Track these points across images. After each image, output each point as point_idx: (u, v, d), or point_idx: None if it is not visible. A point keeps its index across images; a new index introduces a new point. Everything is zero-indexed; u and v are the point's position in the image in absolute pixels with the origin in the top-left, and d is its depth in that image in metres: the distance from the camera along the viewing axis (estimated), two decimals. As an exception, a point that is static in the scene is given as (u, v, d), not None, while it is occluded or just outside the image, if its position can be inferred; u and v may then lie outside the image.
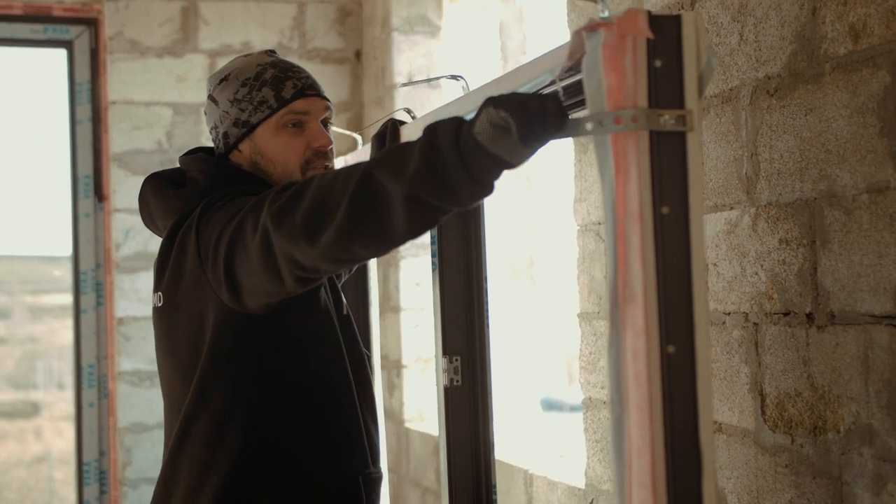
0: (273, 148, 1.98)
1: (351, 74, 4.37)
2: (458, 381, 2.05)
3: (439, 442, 2.10)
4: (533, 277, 3.97)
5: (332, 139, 2.06)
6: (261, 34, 4.25)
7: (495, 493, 2.06)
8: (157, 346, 2.08)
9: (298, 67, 2.05)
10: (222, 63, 4.16)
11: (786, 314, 1.81)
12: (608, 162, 1.35)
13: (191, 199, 1.96)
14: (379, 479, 2.06)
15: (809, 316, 1.75)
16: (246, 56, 2.07)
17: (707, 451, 1.31)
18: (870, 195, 1.61)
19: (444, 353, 2.06)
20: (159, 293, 2.01)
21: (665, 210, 1.33)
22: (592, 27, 1.37)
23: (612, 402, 1.35)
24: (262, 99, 1.98)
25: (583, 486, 2.52)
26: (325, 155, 2.03)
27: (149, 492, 4.05)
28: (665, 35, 1.34)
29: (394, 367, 4.03)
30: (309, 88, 2.01)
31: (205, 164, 2.01)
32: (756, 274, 1.87)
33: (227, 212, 1.84)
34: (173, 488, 1.96)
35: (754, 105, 1.87)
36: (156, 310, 2.04)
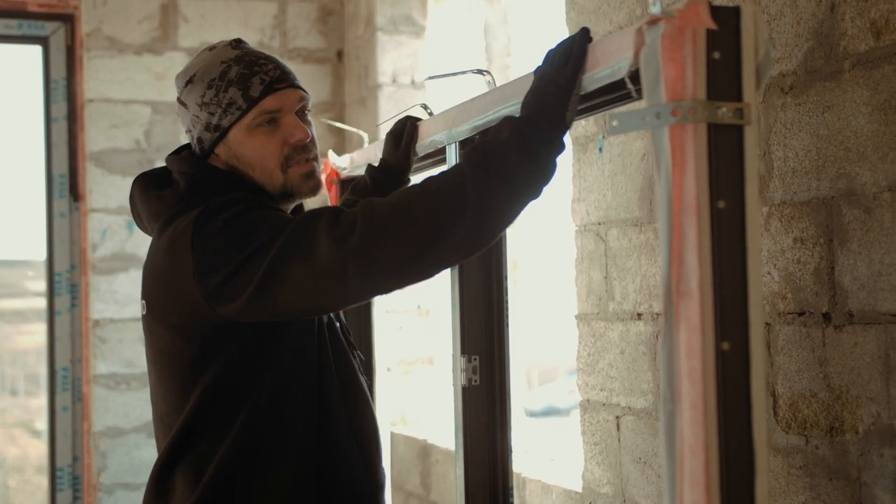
0: (248, 150, 1.88)
1: (332, 74, 4.33)
2: (476, 381, 2.01)
3: (455, 442, 2.05)
4: (517, 281, 3.95)
5: (312, 129, 1.95)
6: (241, 33, 4.18)
7: (512, 497, 2.02)
8: (145, 352, 2.01)
9: (265, 59, 1.92)
10: (202, 62, 4.10)
11: (800, 314, 1.79)
12: (665, 154, 1.32)
13: (172, 202, 1.88)
14: (374, 487, 1.99)
15: (826, 315, 1.73)
16: (211, 50, 1.94)
17: (760, 449, 1.29)
18: (892, 193, 1.60)
19: (463, 352, 2.01)
20: (144, 301, 1.93)
21: (721, 204, 1.31)
22: (653, 21, 1.35)
23: (664, 398, 1.32)
24: (230, 100, 1.86)
25: (580, 490, 2.49)
26: (304, 149, 1.91)
27: (125, 497, 3.98)
28: (724, 27, 1.33)
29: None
30: (277, 81, 1.89)
31: (186, 166, 1.92)
32: (769, 273, 1.85)
33: (242, 233, 1.75)
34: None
35: (767, 103, 1.85)
36: (142, 317, 1.96)
